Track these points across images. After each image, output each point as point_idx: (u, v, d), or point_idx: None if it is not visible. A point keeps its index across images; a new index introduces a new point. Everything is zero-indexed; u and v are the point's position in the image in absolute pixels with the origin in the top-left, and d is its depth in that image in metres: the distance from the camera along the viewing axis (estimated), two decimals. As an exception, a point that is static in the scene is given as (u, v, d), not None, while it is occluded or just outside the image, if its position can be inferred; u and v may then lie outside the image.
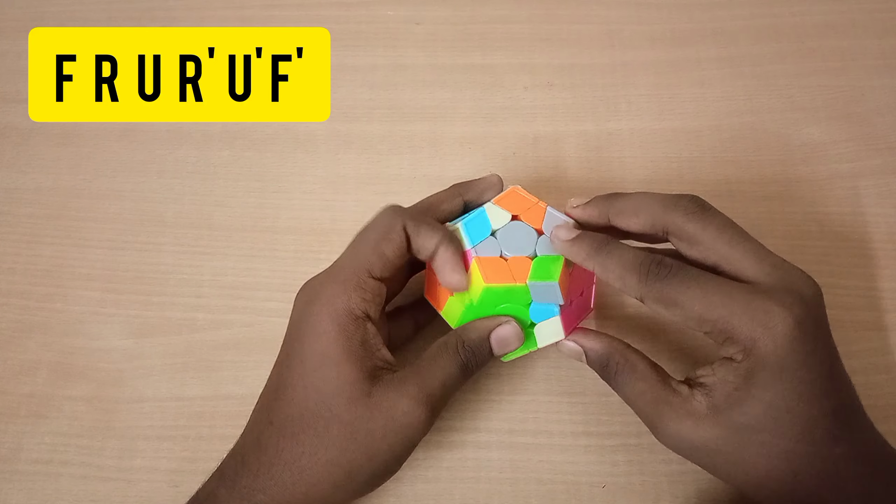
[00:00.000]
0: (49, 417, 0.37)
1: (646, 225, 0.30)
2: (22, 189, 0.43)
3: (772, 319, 0.26)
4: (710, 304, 0.27)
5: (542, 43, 0.47)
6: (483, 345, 0.31)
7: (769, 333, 0.26)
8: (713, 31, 0.47)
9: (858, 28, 0.47)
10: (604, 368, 0.31)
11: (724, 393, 0.27)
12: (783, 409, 0.26)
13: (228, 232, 0.42)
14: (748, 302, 0.26)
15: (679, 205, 0.30)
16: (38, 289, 0.40)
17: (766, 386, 0.26)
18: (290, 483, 0.28)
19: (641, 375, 0.30)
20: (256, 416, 0.31)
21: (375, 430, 0.29)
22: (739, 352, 0.27)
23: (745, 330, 0.26)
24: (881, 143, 0.43)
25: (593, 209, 0.32)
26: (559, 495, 0.35)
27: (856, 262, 0.40)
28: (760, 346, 0.26)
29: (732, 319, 0.26)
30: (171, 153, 0.44)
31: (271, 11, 0.49)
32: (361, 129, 0.45)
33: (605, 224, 0.32)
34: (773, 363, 0.26)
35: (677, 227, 0.29)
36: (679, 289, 0.27)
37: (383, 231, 0.31)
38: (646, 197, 0.31)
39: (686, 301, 0.27)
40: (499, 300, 0.31)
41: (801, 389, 0.26)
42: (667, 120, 0.44)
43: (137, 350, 0.39)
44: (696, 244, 0.29)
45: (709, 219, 0.29)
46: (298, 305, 0.32)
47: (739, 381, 0.27)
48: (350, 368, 0.29)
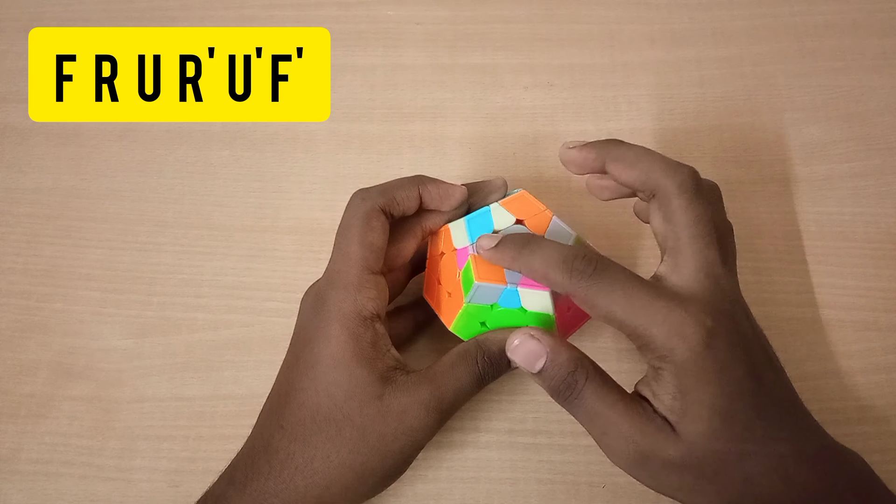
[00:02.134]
0: (49, 417, 0.37)
1: (637, 180, 0.30)
2: (22, 189, 0.43)
3: (686, 329, 0.26)
4: (631, 310, 0.27)
5: (542, 43, 0.47)
6: (503, 358, 0.31)
7: (685, 343, 0.26)
8: (713, 31, 0.47)
9: (858, 28, 0.47)
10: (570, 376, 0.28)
11: (667, 406, 0.27)
12: (722, 410, 0.26)
13: (228, 232, 0.42)
14: (667, 313, 0.26)
15: (677, 175, 0.29)
16: (38, 289, 0.40)
17: (697, 390, 0.26)
18: (302, 486, 0.28)
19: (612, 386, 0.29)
20: (265, 419, 0.31)
21: (387, 432, 0.29)
22: (656, 358, 0.27)
23: (662, 339, 0.26)
24: (881, 143, 0.43)
25: (590, 151, 0.31)
26: (559, 495, 0.35)
27: (856, 262, 0.40)
28: (677, 354, 0.26)
29: (651, 328, 0.26)
30: (171, 153, 0.44)
31: (271, 11, 0.49)
32: (361, 129, 0.45)
33: (599, 169, 0.31)
34: (695, 369, 0.26)
35: (665, 196, 0.29)
36: (603, 291, 0.27)
37: (363, 220, 0.31)
38: (647, 153, 0.30)
39: (609, 305, 0.27)
40: (492, 300, 0.31)
41: (729, 391, 0.26)
42: (667, 120, 0.44)
43: (137, 350, 0.39)
44: (669, 221, 0.29)
45: (693, 204, 0.29)
46: (305, 311, 0.32)
47: (673, 390, 0.27)
48: (361, 371, 0.29)
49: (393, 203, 0.32)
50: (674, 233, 0.29)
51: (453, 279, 0.32)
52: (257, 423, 0.31)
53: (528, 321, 0.32)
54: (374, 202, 0.31)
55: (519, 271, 0.30)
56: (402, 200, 0.32)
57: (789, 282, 0.39)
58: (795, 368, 0.37)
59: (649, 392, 0.28)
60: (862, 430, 0.36)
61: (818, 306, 0.39)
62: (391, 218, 0.32)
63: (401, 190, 0.32)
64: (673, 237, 0.29)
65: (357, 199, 0.32)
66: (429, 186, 0.32)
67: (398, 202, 0.32)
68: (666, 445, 0.27)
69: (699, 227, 0.28)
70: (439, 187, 0.33)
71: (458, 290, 0.32)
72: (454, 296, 0.32)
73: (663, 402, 0.27)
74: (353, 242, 0.31)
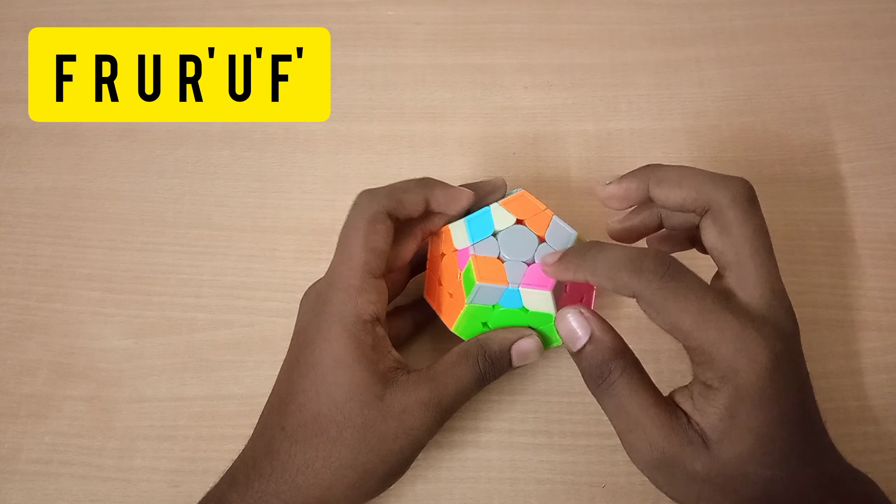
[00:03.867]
0: (49, 417, 0.37)
1: (688, 198, 0.28)
2: (22, 189, 0.43)
3: (756, 351, 0.25)
4: (703, 321, 0.25)
5: (542, 43, 0.47)
6: (503, 357, 0.31)
7: (752, 366, 0.25)
8: (713, 31, 0.47)
9: (858, 28, 0.47)
10: (608, 363, 0.28)
11: (710, 424, 0.26)
12: (767, 437, 0.26)
13: (228, 232, 0.42)
14: (739, 331, 0.25)
15: (730, 188, 0.28)
16: (38, 289, 0.40)
17: (749, 415, 0.26)
18: (304, 487, 0.28)
19: (647, 386, 0.28)
20: (266, 421, 0.31)
21: (388, 433, 0.29)
22: (717, 378, 0.26)
23: (729, 358, 0.25)
24: (881, 143, 0.43)
25: (631, 181, 0.30)
26: (559, 495, 0.35)
27: (856, 262, 0.40)
28: (742, 376, 0.25)
29: (721, 345, 0.25)
30: (171, 153, 0.44)
31: (271, 11, 0.49)
32: (361, 129, 0.45)
33: (643, 197, 0.30)
34: (754, 394, 0.25)
35: (719, 208, 0.28)
36: (677, 296, 0.26)
37: (368, 223, 0.30)
38: (692, 169, 0.29)
39: (679, 312, 0.26)
40: (493, 300, 0.31)
41: (780, 419, 0.26)
42: (667, 120, 0.44)
43: (137, 350, 0.39)
44: (726, 234, 0.28)
45: (750, 216, 0.28)
46: (305, 313, 0.32)
47: (721, 410, 0.26)
48: (362, 373, 0.29)
49: (399, 206, 0.31)
50: (733, 247, 0.27)
51: (454, 280, 0.32)
52: (258, 425, 0.31)
53: (529, 321, 0.32)
54: (380, 204, 0.31)
55: (584, 279, 0.28)
56: (408, 204, 0.31)
57: (789, 282, 0.39)
58: (795, 368, 0.37)
59: (690, 405, 0.27)
60: (862, 430, 0.36)
61: (818, 306, 0.39)
62: (395, 221, 0.31)
63: (408, 193, 0.31)
64: (733, 251, 0.27)
65: (363, 200, 0.31)
66: (436, 190, 0.32)
67: (404, 205, 0.31)
68: (694, 459, 0.26)
69: (759, 240, 0.27)
70: (446, 191, 0.32)
71: (459, 290, 0.32)
72: (455, 296, 0.32)
73: (707, 419, 0.26)
74: (356, 245, 0.30)
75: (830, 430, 0.29)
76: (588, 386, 0.29)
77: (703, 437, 0.26)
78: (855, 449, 0.30)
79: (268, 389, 0.32)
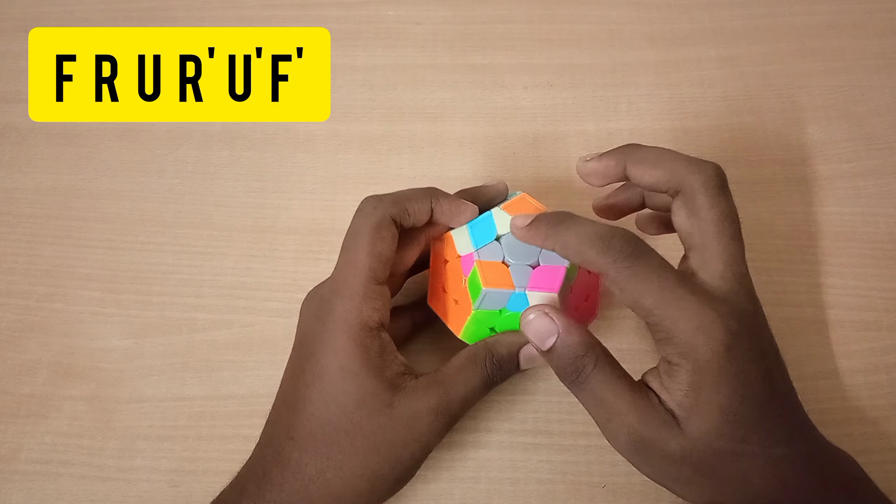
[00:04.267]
0: (49, 417, 0.37)
1: (661, 179, 0.29)
2: (22, 189, 0.43)
3: (713, 329, 0.26)
4: (663, 300, 0.26)
5: (542, 43, 0.47)
6: (511, 360, 0.31)
7: (709, 343, 0.26)
8: (713, 31, 0.47)
9: (858, 28, 0.47)
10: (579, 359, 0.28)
11: (676, 401, 0.27)
12: (731, 412, 0.26)
13: (228, 232, 0.42)
14: (698, 309, 0.26)
15: (702, 172, 0.28)
16: (38, 289, 0.40)
17: (711, 390, 0.26)
18: (316, 496, 0.28)
19: (620, 374, 0.28)
20: (272, 429, 0.31)
21: (397, 439, 0.29)
22: (677, 354, 0.27)
23: (687, 336, 0.26)
24: (881, 143, 0.43)
25: (611, 159, 0.31)
26: (559, 495, 0.35)
27: (856, 262, 0.40)
28: (700, 353, 0.26)
29: (679, 323, 0.26)
30: (171, 153, 0.44)
31: (271, 11, 0.49)
32: (361, 129, 0.45)
33: (621, 175, 0.31)
34: (713, 369, 0.26)
35: (691, 191, 0.28)
36: (639, 275, 0.27)
37: (373, 229, 0.30)
38: (669, 152, 0.30)
39: (641, 291, 0.27)
40: (500, 305, 0.31)
41: (744, 393, 0.26)
42: (667, 120, 0.44)
43: (137, 350, 0.39)
44: (695, 217, 0.28)
45: (719, 200, 0.28)
46: (307, 320, 0.32)
47: (685, 387, 0.27)
48: (370, 381, 0.29)
49: (404, 214, 0.31)
50: (700, 229, 0.28)
51: (459, 286, 0.32)
52: (264, 433, 0.31)
53: None
54: (385, 211, 0.31)
55: (552, 249, 0.29)
56: (413, 212, 0.31)
57: (790, 282, 0.39)
58: (795, 368, 0.37)
59: (658, 384, 0.28)
60: (862, 430, 0.36)
61: (818, 306, 0.39)
62: (400, 228, 0.31)
63: (414, 202, 0.31)
64: (699, 233, 0.28)
65: (368, 206, 0.31)
66: (441, 201, 0.32)
67: (410, 214, 0.31)
68: (668, 438, 0.27)
69: (726, 223, 0.28)
70: (451, 203, 0.32)
71: (465, 297, 0.32)
72: (461, 303, 0.32)
73: (673, 397, 0.27)
74: (361, 251, 0.30)
75: (830, 430, 0.29)
76: (563, 382, 0.29)
77: (673, 416, 0.27)
78: (855, 449, 0.30)
79: (268, 389, 0.32)
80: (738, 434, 0.27)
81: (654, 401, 0.27)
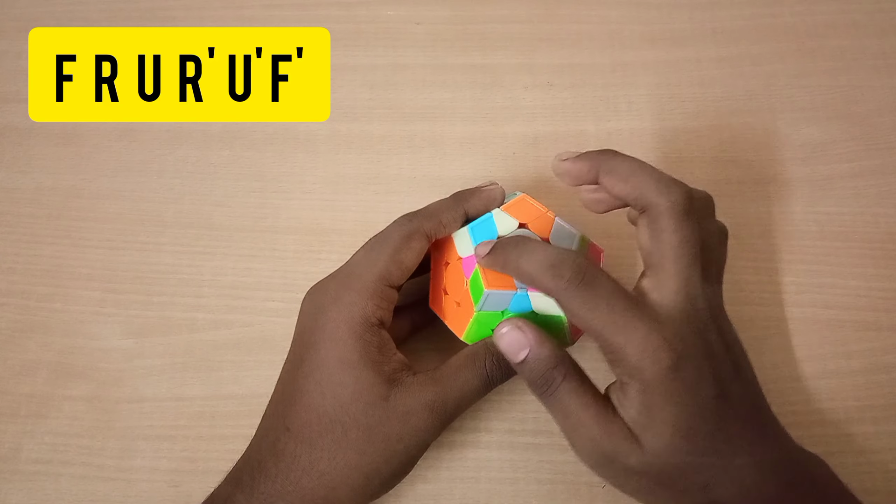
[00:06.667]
0: (49, 417, 0.37)
1: (630, 195, 0.30)
2: (22, 189, 0.43)
3: (658, 353, 0.26)
4: (612, 326, 0.27)
5: (542, 43, 0.47)
6: None
7: (654, 365, 0.26)
8: (713, 31, 0.47)
9: (858, 28, 0.47)
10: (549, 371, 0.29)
11: (631, 418, 0.27)
12: (685, 429, 0.27)
13: (228, 232, 0.42)
14: (645, 333, 0.26)
15: (670, 195, 0.28)
16: (38, 289, 0.40)
17: (663, 409, 0.27)
18: (308, 488, 0.29)
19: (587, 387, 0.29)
20: (269, 421, 0.31)
21: (392, 433, 0.29)
22: (626, 374, 0.27)
23: (634, 360, 0.27)
24: (881, 143, 0.43)
25: (584, 163, 0.31)
26: (559, 495, 0.35)
27: (856, 262, 0.40)
28: (647, 374, 0.26)
29: (627, 347, 0.27)
30: (171, 153, 0.44)
31: (271, 11, 0.49)
32: (361, 129, 0.45)
33: (593, 180, 0.31)
34: (661, 390, 0.26)
35: (656, 213, 0.29)
36: (588, 302, 0.27)
37: (403, 237, 0.31)
38: (642, 167, 0.30)
39: (590, 317, 0.27)
40: (502, 306, 0.31)
41: (697, 411, 0.27)
42: (667, 120, 0.44)
43: (137, 350, 0.39)
44: (656, 239, 0.29)
45: (682, 226, 0.28)
46: (308, 311, 0.32)
47: (637, 405, 0.27)
48: (368, 373, 0.29)
49: (439, 227, 0.32)
50: (659, 251, 0.28)
51: (461, 289, 0.32)
52: (261, 425, 0.31)
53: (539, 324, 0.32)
54: (420, 224, 0.32)
55: (511, 274, 0.30)
56: (448, 223, 0.33)
57: (790, 282, 0.39)
58: (794, 368, 0.37)
59: (616, 401, 0.28)
60: (862, 430, 0.36)
61: (818, 306, 0.39)
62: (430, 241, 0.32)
63: (446, 213, 0.33)
64: (658, 255, 0.28)
65: (404, 218, 0.32)
66: (472, 201, 0.33)
67: (444, 225, 0.32)
68: (629, 453, 0.27)
69: (684, 248, 0.28)
70: (481, 196, 0.33)
71: (466, 299, 0.32)
72: (463, 305, 0.32)
73: (627, 413, 0.27)
74: (383, 254, 0.31)
75: (829, 430, 0.29)
76: (534, 393, 0.30)
77: (630, 431, 0.27)
78: (855, 449, 0.30)
79: (268, 389, 0.32)
80: (696, 447, 0.27)
81: (616, 416, 0.28)
